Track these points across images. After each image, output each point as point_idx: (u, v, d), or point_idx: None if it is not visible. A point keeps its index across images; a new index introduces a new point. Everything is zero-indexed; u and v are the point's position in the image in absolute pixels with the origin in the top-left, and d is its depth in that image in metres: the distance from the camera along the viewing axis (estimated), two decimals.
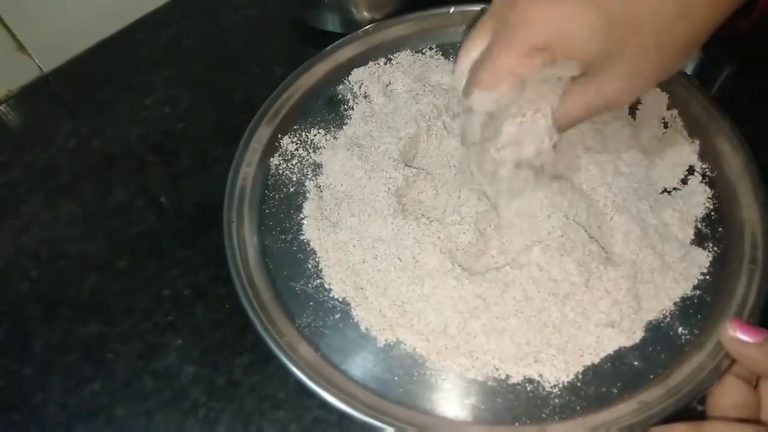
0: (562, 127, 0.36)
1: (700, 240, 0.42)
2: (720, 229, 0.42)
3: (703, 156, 0.45)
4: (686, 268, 0.40)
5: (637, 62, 0.32)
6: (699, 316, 0.39)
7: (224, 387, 0.40)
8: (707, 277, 0.40)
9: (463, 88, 0.36)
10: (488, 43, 0.34)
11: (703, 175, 0.44)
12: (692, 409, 0.36)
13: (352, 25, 0.53)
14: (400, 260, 0.40)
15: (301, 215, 0.45)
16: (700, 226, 0.42)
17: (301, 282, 0.42)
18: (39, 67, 0.54)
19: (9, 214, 0.47)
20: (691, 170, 0.45)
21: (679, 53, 0.32)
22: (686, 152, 0.45)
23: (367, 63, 0.52)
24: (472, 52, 0.35)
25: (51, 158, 0.50)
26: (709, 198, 0.43)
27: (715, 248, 0.41)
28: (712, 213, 0.43)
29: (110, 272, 0.44)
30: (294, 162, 0.47)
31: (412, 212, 0.43)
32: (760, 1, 0.34)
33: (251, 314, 0.39)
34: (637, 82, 0.33)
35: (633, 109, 0.47)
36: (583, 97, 0.34)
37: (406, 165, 0.45)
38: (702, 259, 0.41)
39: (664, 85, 0.47)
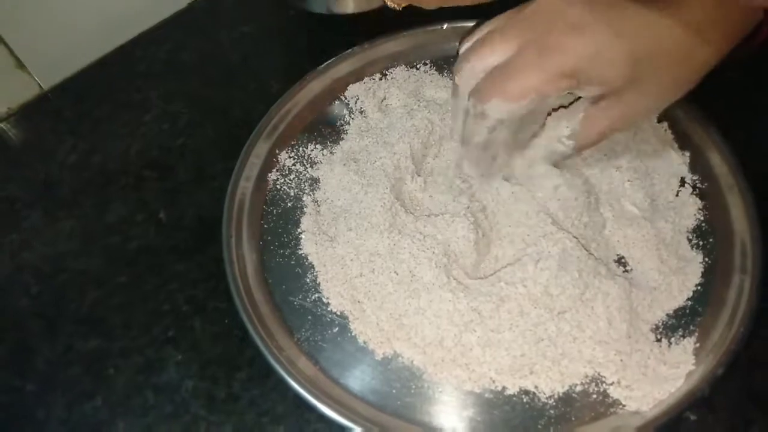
0: (584, 146, 0.39)
1: (691, 251, 0.43)
2: (710, 239, 0.43)
3: (693, 168, 0.46)
4: (679, 280, 0.41)
5: (659, 87, 0.35)
6: (692, 327, 0.40)
7: (224, 401, 0.40)
8: (699, 287, 0.41)
9: (474, 90, 0.37)
10: (512, 56, 0.36)
11: (694, 187, 0.45)
12: (686, 418, 0.37)
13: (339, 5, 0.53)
14: (397, 274, 0.41)
15: (299, 230, 0.45)
16: (691, 237, 0.43)
17: (300, 296, 0.43)
18: (39, 84, 0.55)
19: (9, 229, 0.48)
20: (682, 182, 0.46)
21: (699, 75, 0.36)
22: (677, 164, 0.46)
23: (362, 79, 0.52)
24: (489, 57, 0.37)
25: (51, 174, 0.50)
26: (699, 209, 0.44)
27: (707, 259, 0.42)
28: (703, 224, 0.44)
29: (110, 287, 0.45)
30: (291, 177, 0.48)
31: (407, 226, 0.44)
32: (762, 31, 0.37)
33: (250, 329, 0.40)
34: (658, 103, 0.37)
35: None
36: (606, 118, 0.37)
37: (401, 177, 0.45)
38: (694, 270, 0.41)
39: None
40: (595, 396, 0.37)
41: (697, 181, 0.45)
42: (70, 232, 0.47)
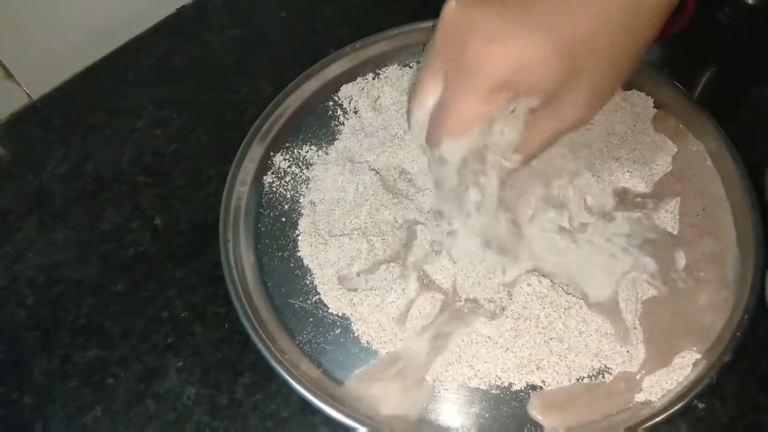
0: (533, 154, 0.36)
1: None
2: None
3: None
4: None
5: (594, 81, 0.32)
6: None
7: (227, 407, 0.39)
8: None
9: (426, 138, 0.35)
10: (444, 88, 0.33)
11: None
12: (694, 406, 0.37)
13: None
14: (396, 274, 0.41)
15: (297, 232, 0.45)
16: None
17: (300, 299, 0.42)
18: (27, 94, 0.54)
19: (2, 241, 0.47)
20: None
21: (631, 63, 0.33)
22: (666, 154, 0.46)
23: (355, 79, 0.52)
24: (427, 100, 0.35)
25: (43, 184, 0.50)
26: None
27: None
28: (698, 215, 0.44)
29: (107, 296, 0.44)
30: (287, 179, 0.48)
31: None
32: (688, 6, 0.36)
33: (251, 333, 0.39)
34: (598, 99, 0.34)
35: None
36: (550, 123, 0.34)
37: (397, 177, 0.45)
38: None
39: (648, 90, 0.48)
40: None
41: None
42: (64, 242, 0.47)
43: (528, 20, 0.31)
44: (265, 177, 0.48)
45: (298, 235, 0.45)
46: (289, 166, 0.48)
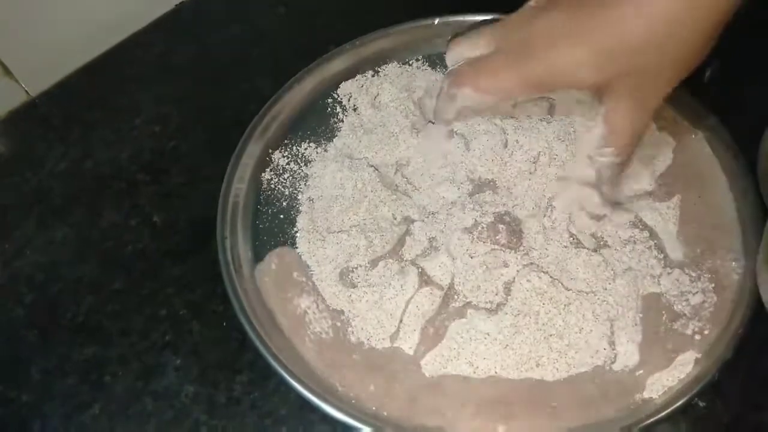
0: (622, 144, 0.37)
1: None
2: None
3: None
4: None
5: (641, 82, 0.35)
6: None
7: (225, 405, 0.39)
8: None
9: (451, 72, 0.40)
10: (492, 52, 0.39)
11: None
12: (695, 404, 0.37)
13: None
14: (395, 270, 0.40)
15: (295, 229, 0.45)
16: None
17: None
18: (26, 91, 0.54)
19: (0, 239, 0.47)
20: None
21: (681, 68, 0.35)
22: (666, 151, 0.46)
23: (354, 76, 0.52)
24: (475, 47, 0.40)
25: (42, 182, 0.50)
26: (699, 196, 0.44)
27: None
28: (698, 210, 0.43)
29: (105, 294, 0.44)
30: (286, 176, 0.47)
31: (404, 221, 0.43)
32: None
33: (249, 331, 0.39)
34: (651, 98, 0.36)
35: None
36: (623, 108, 0.36)
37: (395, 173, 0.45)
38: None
39: None
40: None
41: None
42: (63, 240, 0.47)
43: (575, 30, 0.35)
44: (263, 174, 0.47)
45: (296, 232, 0.44)
46: (287, 163, 0.48)
